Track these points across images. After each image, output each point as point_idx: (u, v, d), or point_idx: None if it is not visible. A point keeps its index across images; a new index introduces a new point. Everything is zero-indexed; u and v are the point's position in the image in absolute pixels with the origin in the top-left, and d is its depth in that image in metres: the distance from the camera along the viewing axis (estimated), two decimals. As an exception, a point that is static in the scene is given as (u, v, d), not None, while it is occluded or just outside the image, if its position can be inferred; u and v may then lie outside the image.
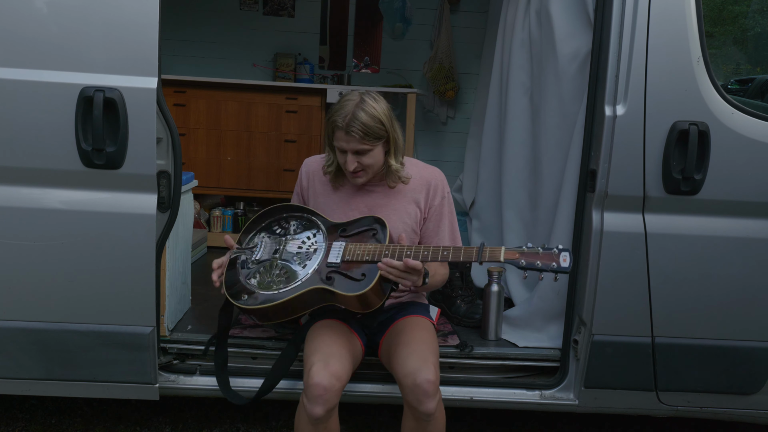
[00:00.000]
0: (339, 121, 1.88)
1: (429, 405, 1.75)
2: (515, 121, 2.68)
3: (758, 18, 3.29)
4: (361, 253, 1.87)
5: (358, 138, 1.87)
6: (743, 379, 2.11)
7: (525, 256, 1.72)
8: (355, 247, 1.89)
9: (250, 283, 1.94)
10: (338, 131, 1.89)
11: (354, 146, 1.89)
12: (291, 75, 4.38)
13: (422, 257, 1.81)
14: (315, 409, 1.73)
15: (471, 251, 1.78)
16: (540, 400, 2.19)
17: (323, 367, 1.76)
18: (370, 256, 1.85)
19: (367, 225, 1.96)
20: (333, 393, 1.74)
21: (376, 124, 1.88)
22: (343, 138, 1.89)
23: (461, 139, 4.26)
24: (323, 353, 1.81)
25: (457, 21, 4.43)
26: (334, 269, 1.89)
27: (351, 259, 1.88)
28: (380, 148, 1.94)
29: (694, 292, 2.03)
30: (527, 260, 1.71)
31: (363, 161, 1.92)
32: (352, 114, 1.86)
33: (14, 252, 1.94)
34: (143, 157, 1.91)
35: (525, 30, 2.62)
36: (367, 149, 1.90)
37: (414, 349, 1.86)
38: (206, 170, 3.85)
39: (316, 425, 1.77)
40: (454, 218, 2.12)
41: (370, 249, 1.87)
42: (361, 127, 1.85)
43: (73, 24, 1.86)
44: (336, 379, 1.75)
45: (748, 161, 1.95)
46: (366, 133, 1.87)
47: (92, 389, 2.08)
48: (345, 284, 1.86)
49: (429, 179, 2.07)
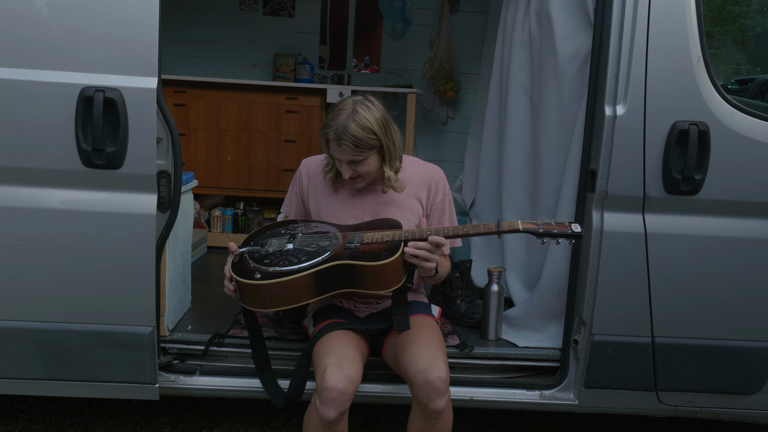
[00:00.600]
0: (330, 133, 1.89)
1: (439, 403, 1.76)
2: (515, 121, 2.68)
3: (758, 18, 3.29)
4: (381, 237, 1.86)
5: (349, 150, 1.88)
6: (743, 379, 2.11)
7: (541, 225, 1.80)
8: (373, 234, 1.89)
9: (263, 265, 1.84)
10: (331, 143, 1.91)
11: (347, 157, 1.90)
12: (291, 75, 4.38)
13: (444, 234, 1.82)
14: (328, 412, 1.72)
15: (490, 225, 1.82)
16: (540, 400, 2.19)
17: (338, 370, 1.75)
18: (390, 238, 1.85)
19: (380, 223, 1.96)
20: (347, 396, 1.74)
21: (368, 135, 1.88)
22: (336, 150, 1.91)
23: (461, 139, 4.26)
24: (336, 356, 1.80)
25: (457, 21, 4.43)
26: (353, 250, 1.85)
27: (370, 242, 1.86)
28: (375, 156, 1.94)
29: (694, 292, 2.03)
30: (544, 228, 1.79)
31: (358, 169, 1.94)
32: (343, 126, 1.86)
33: (14, 252, 1.94)
34: (143, 157, 1.91)
35: (525, 30, 2.62)
36: (360, 159, 1.91)
37: (423, 347, 1.86)
38: (206, 170, 3.85)
39: (327, 428, 1.77)
40: (454, 215, 2.14)
41: (388, 234, 1.87)
42: (352, 140, 1.86)
43: (73, 24, 1.86)
44: (350, 382, 1.75)
45: (748, 161, 1.95)
46: (357, 146, 1.87)
47: (92, 389, 2.08)
48: (367, 257, 1.82)
49: (430, 177, 2.08)
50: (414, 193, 2.06)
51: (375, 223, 1.99)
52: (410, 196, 2.06)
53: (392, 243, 1.84)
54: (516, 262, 2.68)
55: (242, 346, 2.20)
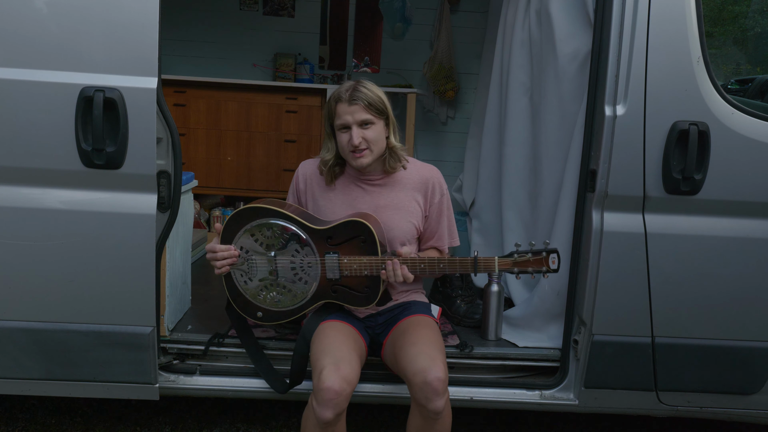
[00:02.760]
0: (342, 93, 1.95)
1: (438, 403, 1.76)
2: (515, 120, 2.68)
3: (758, 18, 3.29)
4: (359, 268, 1.93)
5: (362, 106, 1.92)
6: (743, 379, 2.11)
7: (517, 265, 1.86)
8: (350, 261, 1.93)
9: (259, 300, 2.05)
10: (341, 104, 1.94)
11: (359, 116, 1.92)
12: (291, 75, 4.38)
13: (419, 270, 1.90)
14: (325, 413, 1.72)
15: (466, 263, 1.85)
16: (540, 400, 2.19)
17: (334, 370, 1.75)
18: (369, 271, 1.92)
19: (353, 233, 1.94)
20: (344, 397, 1.74)
21: (378, 99, 1.96)
22: (347, 110, 1.93)
23: (461, 139, 4.26)
24: (333, 356, 1.81)
25: (457, 21, 4.43)
26: (335, 283, 1.98)
27: (349, 274, 1.95)
28: (382, 126, 1.99)
29: (694, 292, 2.03)
30: (519, 268, 1.87)
31: (367, 135, 1.94)
32: (354, 87, 1.95)
33: (14, 252, 1.94)
34: (143, 157, 1.91)
35: (525, 30, 2.62)
36: (371, 120, 1.94)
37: (422, 347, 1.86)
38: (206, 170, 3.85)
39: (324, 429, 1.77)
40: (452, 214, 2.16)
41: (365, 263, 1.92)
42: (365, 96, 1.93)
43: (73, 24, 1.86)
44: (347, 383, 1.75)
45: (748, 161, 1.95)
46: (370, 103, 1.93)
47: (92, 389, 2.08)
48: (351, 297, 1.98)
49: (428, 177, 2.09)
50: (413, 195, 2.07)
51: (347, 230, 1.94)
52: (409, 198, 2.06)
53: (371, 277, 1.94)
54: (516, 262, 2.68)
55: (242, 346, 2.20)
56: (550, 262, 1.82)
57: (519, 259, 1.82)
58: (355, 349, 1.90)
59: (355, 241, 1.94)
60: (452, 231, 2.16)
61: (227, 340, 2.22)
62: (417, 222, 2.07)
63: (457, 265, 1.87)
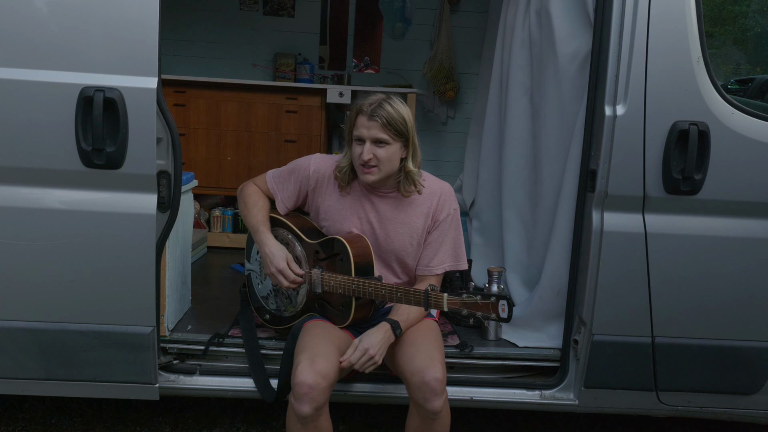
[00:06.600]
0: (365, 106, 1.91)
1: (436, 403, 1.76)
2: (515, 121, 2.68)
3: (758, 18, 3.29)
4: (335, 285, 1.98)
5: (380, 124, 1.88)
6: (743, 379, 2.11)
7: (466, 306, 1.74)
8: (329, 277, 2.00)
9: (269, 307, 2.22)
10: (361, 116, 1.92)
11: (375, 134, 1.90)
12: (291, 75, 4.38)
13: (380, 299, 1.91)
14: (302, 408, 1.74)
15: (419, 296, 1.82)
16: (540, 400, 2.19)
17: (309, 365, 1.76)
18: (342, 290, 1.97)
19: (334, 251, 2.01)
20: (319, 391, 1.74)
21: (400, 119, 1.91)
22: (365, 124, 1.91)
23: (461, 139, 4.26)
24: (310, 352, 1.82)
25: (457, 21, 4.43)
26: (319, 297, 2.06)
27: (328, 290, 2.01)
28: (398, 147, 1.94)
29: (694, 292, 2.03)
30: (469, 310, 1.74)
31: (378, 154, 1.91)
32: (379, 102, 1.91)
33: (14, 252, 1.94)
34: (143, 157, 1.91)
35: (525, 30, 2.62)
36: (386, 140, 1.91)
37: (420, 347, 1.86)
38: (206, 170, 3.85)
39: (305, 424, 1.77)
40: (460, 236, 2.11)
41: (339, 282, 1.97)
42: (385, 115, 1.89)
43: (73, 24, 1.86)
44: (322, 377, 1.75)
45: (748, 161, 1.95)
46: (388, 123, 1.89)
47: (92, 389, 2.08)
48: (332, 313, 2.05)
49: (438, 193, 2.07)
50: (420, 211, 2.05)
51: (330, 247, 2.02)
52: (416, 214, 2.04)
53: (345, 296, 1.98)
54: (516, 262, 2.68)
55: (242, 346, 2.20)
56: (500, 309, 1.69)
57: (467, 300, 1.73)
58: (335, 344, 1.90)
59: (335, 258, 2.00)
60: (458, 254, 2.09)
61: (227, 340, 2.22)
62: (418, 237, 2.05)
63: (411, 296, 1.83)
